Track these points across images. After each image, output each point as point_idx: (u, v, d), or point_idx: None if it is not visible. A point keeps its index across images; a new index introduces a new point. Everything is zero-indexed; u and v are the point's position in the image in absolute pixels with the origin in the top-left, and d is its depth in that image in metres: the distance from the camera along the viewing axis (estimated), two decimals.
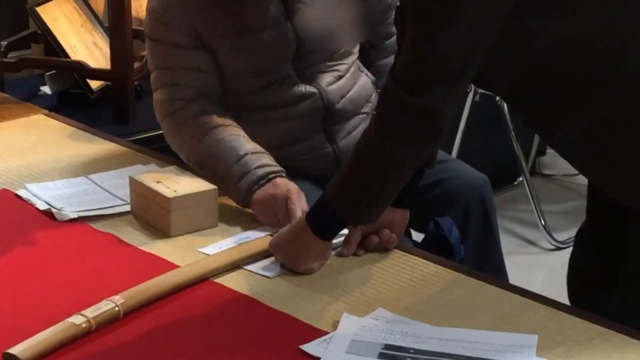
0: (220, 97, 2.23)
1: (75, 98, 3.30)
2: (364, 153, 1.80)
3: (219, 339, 1.67)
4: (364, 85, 2.32)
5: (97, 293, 1.74)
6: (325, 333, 1.67)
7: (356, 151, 1.82)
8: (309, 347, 1.61)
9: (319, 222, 1.84)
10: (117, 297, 1.71)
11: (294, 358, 1.60)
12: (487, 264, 2.28)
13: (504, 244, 2.39)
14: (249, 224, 2.07)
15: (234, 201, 2.12)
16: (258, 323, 1.72)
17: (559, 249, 3.68)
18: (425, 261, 1.93)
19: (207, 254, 1.94)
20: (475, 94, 3.77)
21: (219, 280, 1.86)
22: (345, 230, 1.93)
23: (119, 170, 2.33)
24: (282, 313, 1.74)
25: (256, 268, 1.90)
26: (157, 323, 1.71)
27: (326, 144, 2.26)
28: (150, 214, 2.07)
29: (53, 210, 2.12)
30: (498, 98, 3.65)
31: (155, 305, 1.75)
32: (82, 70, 3.18)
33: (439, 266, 1.91)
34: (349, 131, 2.27)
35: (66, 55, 3.25)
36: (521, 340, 1.63)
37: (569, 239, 3.59)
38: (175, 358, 1.62)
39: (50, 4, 3.32)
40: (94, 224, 2.08)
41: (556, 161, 4.29)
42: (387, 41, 2.40)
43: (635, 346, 1.63)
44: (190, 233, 2.03)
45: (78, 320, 1.65)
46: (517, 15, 1.67)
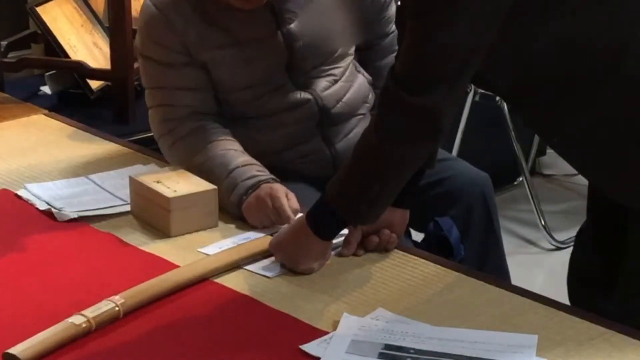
0: (215, 111, 2.22)
1: (75, 98, 3.30)
2: (363, 153, 1.80)
3: (219, 339, 1.67)
4: (361, 87, 2.31)
5: (97, 293, 1.74)
6: (325, 333, 1.66)
7: (356, 151, 1.82)
8: (309, 347, 1.61)
9: (319, 222, 1.84)
10: (117, 297, 1.71)
11: (294, 358, 1.60)
12: (489, 262, 2.28)
13: (504, 243, 2.38)
14: (249, 224, 2.07)
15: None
16: (258, 323, 1.72)
17: (559, 249, 3.67)
18: (425, 261, 1.93)
19: (207, 254, 1.94)
20: (475, 94, 3.76)
21: (219, 280, 1.86)
22: (345, 230, 1.93)
23: (119, 170, 2.33)
24: (282, 313, 1.74)
25: (256, 268, 1.90)
26: (157, 323, 1.71)
27: (323, 147, 2.25)
28: (150, 214, 2.07)
29: (53, 210, 2.12)
30: (498, 98, 3.64)
31: (155, 305, 1.75)
32: (82, 70, 3.18)
33: (439, 266, 1.91)
34: (345, 133, 2.27)
35: (66, 55, 3.25)
36: (521, 340, 1.63)
37: (569, 239, 3.59)
38: (175, 358, 1.62)
39: (50, 4, 3.32)
40: (94, 224, 2.08)
41: (556, 161, 4.28)
42: (383, 41, 2.36)
43: (635, 346, 1.63)
44: (190, 233, 2.04)
45: (78, 320, 1.65)
46: (517, 15, 1.67)
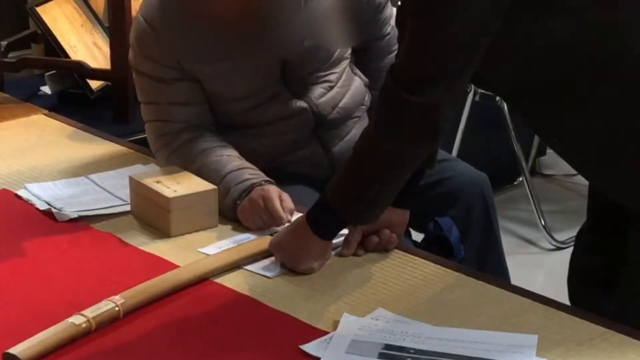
0: (211, 122, 2.21)
1: (75, 98, 3.30)
2: (363, 153, 1.80)
3: (219, 339, 1.67)
4: (357, 91, 2.28)
5: (97, 293, 1.74)
6: (325, 333, 1.66)
7: (355, 151, 1.82)
8: (309, 347, 1.61)
9: (319, 222, 1.84)
10: (117, 297, 1.71)
11: (294, 358, 1.60)
12: (488, 262, 2.28)
13: (504, 243, 2.38)
14: None
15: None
16: (258, 323, 1.72)
17: (559, 249, 3.67)
18: (425, 261, 1.93)
19: (207, 254, 1.94)
20: (475, 94, 3.76)
21: (219, 280, 1.86)
22: (345, 230, 1.94)
23: (119, 170, 2.33)
24: (282, 313, 1.74)
25: (256, 268, 1.90)
26: (157, 323, 1.71)
27: (320, 151, 2.24)
28: (150, 214, 2.07)
29: (53, 210, 2.12)
30: (498, 98, 3.64)
31: (155, 305, 1.75)
32: (82, 70, 3.18)
33: (439, 266, 1.91)
34: (342, 137, 2.25)
35: (66, 55, 3.25)
36: (521, 340, 1.63)
37: (569, 239, 3.59)
38: (175, 358, 1.62)
39: (50, 4, 3.32)
40: (94, 224, 2.08)
41: (556, 161, 4.28)
42: (380, 43, 2.33)
43: (635, 346, 1.63)
44: (190, 233, 2.04)
45: (78, 320, 1.65)
46: (517, 15, 1.67)
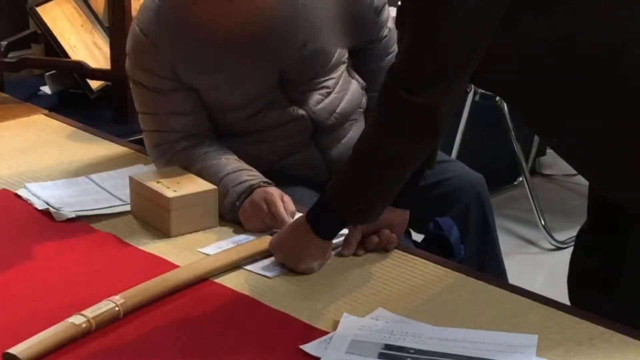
0: (209, 129, 2.20)
1: (75, 98, 3.30)
2: (363, 153, 1.80)
3: (219, 339, 1.67)
4: (354, 95, 2.27)
5: (97, 293, 1.74)
6: (325, 333, 1.66)
7: (355, 151, 1.82)
8: (309, 347, 1.61)
9: (319, 222, 1.84)
10: (117, 297, 1.71)
11: (294, 358, 1.60)
12: (486, 263, 2.28)
13: (504, 243, 2.38)
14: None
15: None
16: (258, 323, 1.72)
17: (559, 249, 3.67)
18: (425, 261, 1.93)
19: (207, 254, 1.94)
20: (475, 94, 3.76)
21: (219, 280, 1.86)
22: (345, 230, 1.94)
23: (119, 170, 2.33)
24: (282, 313, 1.74)
25: (256, 268, 1.89)
26: (157, 323, 1.71)
27: (317, 154, 2.23)
28: (150, 213, 2.07)
29: (51, 209, 2.12)
30: (498, 98, 3.64)
31: (155, 305, 1.75)
32: (82, 70, 3.18)
33: (439, 266, 1.91)
34: (339, 140, 2.24)
35: (66, 55, 3.26)
36: (521, 340, 1.63)
37: (569, 239, 3.59)
38: (175, 358, 1.62)
39: (50, 4, 3.32)
40: (93, 224, 2.08)
41: (556, 161, 4.28)
42: (376, 46, 2.31)
43: (635, 346, 1.63)
44: (190, 233, 2.04)
45: (78, 320, 1.65)
46: (517, 15, 1.67)
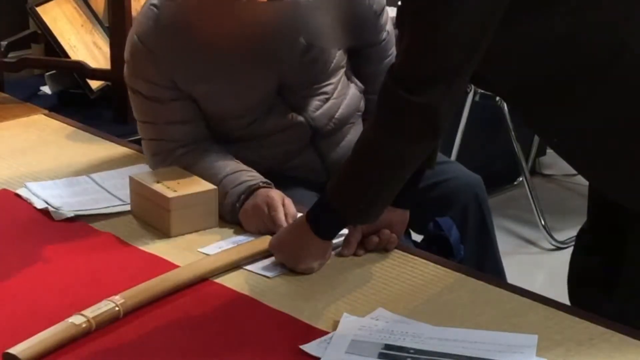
0: (207, 136, 2.20)
1: (75, 98, 3.30)
2: (363, 152, 1.80)
3: (219, 339, 1.67)
4: (353, 99, 2.26)
5: (97, 293, 1.74)
6: (325, 333, 1.66)
7: (355, 151, 1.82)
8: (309, 347, 1.61)
9: (319, 222, 1.84)
10: (117, 297, 1.71)
11: (294, 358, 1.60)
12: (485, 264, 2.28)
13: (504, 244, 2.38)
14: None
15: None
16: (258, 323, 1.72)
17: (559, 249, 3.67)
18: (425, 261, 1.93)
19: (207, 254, 1.94)
20: (475, 94, 3.76)
21: (219, 280, 1.86)
22: (345, 230, 1.94)
23: (119, 169, 2.33)
24: (282, 313, 1.74)
25: (256, 268, 1.89)
26: (157, 323, 1.71)
27: (316, 158, 2.23)
28: (150, 214, 2.07)
29: (50, 209, 2.11)
30: (498, 98, 3.64)
31: (155, 305, 1.75)
32: (82, 70, 3.18)
33: (439, 266, 1.91)
34: (337, 143, 2.24)
35: (66, 55, 3.26)
36: (521, 340, 1.63)
37: (569, 239, 3.59)
38: (175, 358, 1.62)
39: (50, 4, 3.32)
40: (93, 224, 2.08)
41: (556, 161, 4.28)
42: (374, 49, 2.30)
43: (635, 346, 1.63)
44: (190, 233, 2.04)
45: (78, 320, 1.65)
46: (517, 15, 1.67)
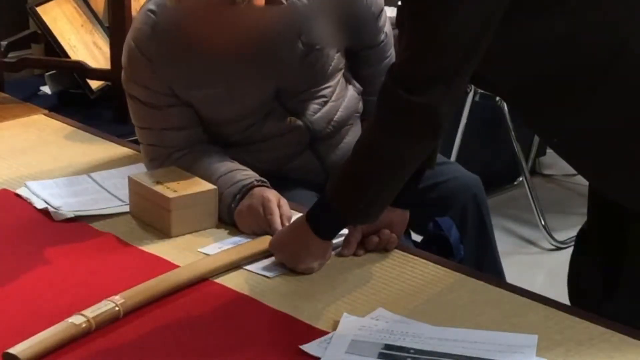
0: (205, 141, 2.20)
1: (75, 98, 3.30)
2: (363, 152, 1.80)
3: (219, 339, 1.67)
4: (351, 101, 2.26)
5: (97, 293, 1.74)
6: (325, 333, 1.66)
7: (356, 150, 1.82)
8: (309, 347, 1.61)
9: (319, 222, 1.84)
10: (117, 297, 1.71)
11: (294, 358, 1.60)
12: (484, 264, 2.27)
13: (504, 244, 2.39)
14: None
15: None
16: (258, 323, 1.72)
17: (559, 249, 3.67)
18: (425, 261, 1.93)
19: (207, 254, 1.94)
20: (475, 94, 3.76)
21: (219, 280, 1.86)
22: (345, 230, 1.94)
23: (120, 169, 2.33)
24: (282, 313, 1.74)
25: (256, 268, 1.89)
26: (157, 323, 1.71)
27: (314, 160, 2.23)
28: (150, 214, 2.07)
29: (50, 209, 2.11)
30: (498, 98, 3.64)
31: (155, 305, 1.75)
32: (82, 70, 3.18)
33: (439, 266, 1.91)
34: (336, 145, 2.24)
35: (66, 55, 3.26)
36: (521, 340, 1.63)
37: (569, 239, 3.59)
38: (175, 358, 1.62)
39: (50, 4, 3.33)
40: (93, 224, 2.08)
41: (556, 161, 4.28)
42: (373, 51, 2.30)
43: (635, 346, 1.63)
44: (190, 233, 2.04)
45: (78, 320, 1.65)
46: (517, 15, 1.67)
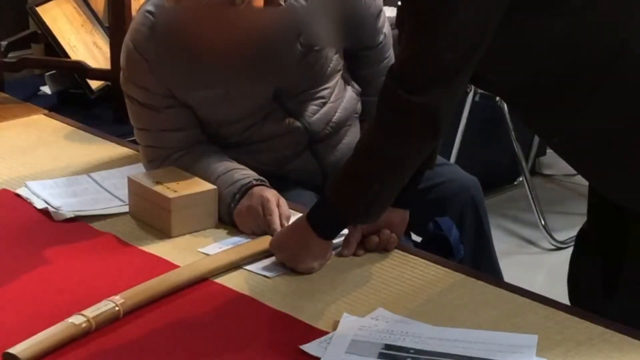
0: (203, 141, 2.19)
1: (75, 98, 3.30)
2: (363, 152, 1.80)
3: (219, 339, 1.67)
4: (349, 102, 2.26)
5: (97, 293, 1.74)
6: (325, 333, 1.66)
7: (356, 150, 1.82)
8: (309, 347, 1.61)
9: (319, 222, 1.84)
10: (117, 297, 1.71)
11: (294, 358, 1.60)
12: (482, 265, 2.27)
13: (503, 244, 2.39)
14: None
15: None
16: (258, 323, 1.72)
17: (559, 249, 3.67)
18: (425, 261, 1.93)
19: (207, 254, 1.94)
20: (475, 94, 3.76)
21: (219, 280, 1.86)
22: (345, 230, 1.94)
23: (120, 169, 2.33)
24: (282, 313, 1.74)
25: (256, 268, 1.89)
26: (157, 323, 1.71)
27: (313, 161, 2.23)
28: (150, 214, 2.07)
29: (50, 209, 2.11)
30: (498, 98, 3.64)
31: (155, 305, 1.75)
32: (82, 70, 3.18)
33: (439, 266, 1.91)
34: (334, 146, 2.24)
35: (66, 55, 3.25)
36: (521, 340, 1.63)
37: (569, 239, 3.59)
38: (175, 358, 1.62)
39: (50, 4, 3.32)
40: (93, 224, 2.08)
41: (556, 161, 4.28)
42: (372, 52, 2.30)
43: (635, 346, 1.63)
44: (190, 233, 2.04)
45: (78, 320, 1.65)
46: (517, 15, 1.67)
